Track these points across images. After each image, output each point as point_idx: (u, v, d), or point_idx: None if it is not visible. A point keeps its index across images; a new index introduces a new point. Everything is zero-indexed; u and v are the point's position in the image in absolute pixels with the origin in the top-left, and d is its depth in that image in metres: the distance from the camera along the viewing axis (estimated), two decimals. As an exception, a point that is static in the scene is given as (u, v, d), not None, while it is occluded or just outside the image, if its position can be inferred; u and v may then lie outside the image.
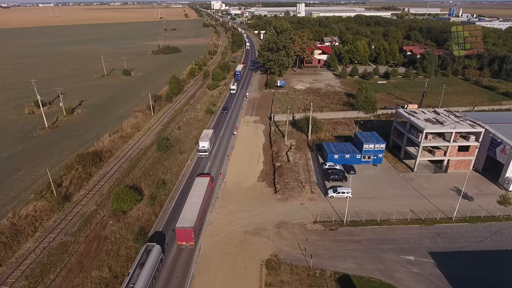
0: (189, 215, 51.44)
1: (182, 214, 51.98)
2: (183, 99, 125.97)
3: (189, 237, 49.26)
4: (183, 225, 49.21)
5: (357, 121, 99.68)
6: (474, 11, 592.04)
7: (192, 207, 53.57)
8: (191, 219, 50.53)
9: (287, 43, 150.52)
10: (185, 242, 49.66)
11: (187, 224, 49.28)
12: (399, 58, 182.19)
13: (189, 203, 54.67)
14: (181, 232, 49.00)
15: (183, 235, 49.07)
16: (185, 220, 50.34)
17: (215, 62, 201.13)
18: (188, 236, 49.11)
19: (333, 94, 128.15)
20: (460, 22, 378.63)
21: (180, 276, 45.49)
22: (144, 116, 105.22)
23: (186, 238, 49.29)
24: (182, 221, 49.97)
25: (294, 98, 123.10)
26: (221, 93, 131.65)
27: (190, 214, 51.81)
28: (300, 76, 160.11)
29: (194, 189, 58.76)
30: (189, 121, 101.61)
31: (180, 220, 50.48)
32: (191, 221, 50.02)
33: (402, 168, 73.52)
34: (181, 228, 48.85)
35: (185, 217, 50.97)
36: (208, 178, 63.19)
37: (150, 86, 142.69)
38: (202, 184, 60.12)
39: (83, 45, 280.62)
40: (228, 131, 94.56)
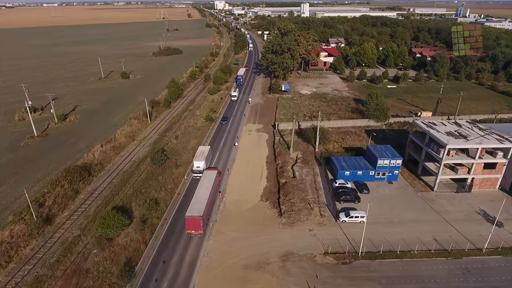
0: (198, 205, 53.89)
1: (191, 204, 54.58)
2: (182, 105, 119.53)
3: (198, 226, 51.54)
4: (192, 214, 51.73)
5: (367, 130, 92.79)
6: (480, 11, 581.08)
7: (201, 197, 56.19)
8: (200, 208, 52.94)
9: (292, 45, 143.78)
10: (194, 230, 51.93)
11: (196, 213, 51.71)
12: (409, 60, 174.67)
13: (198, 194, 57.32)
14: (190, 221, 51.36)
15: (192, 223, 51.42)
16: (194, 209, 52.84)
17: (217, 64, 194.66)
18: (197, 224, 51.42)
19: (341, 99, 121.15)
20: (468, 23, 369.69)
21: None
22: (140, 123, 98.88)
23: (195, 226, 51.61)
24: (191, 211, 52.63)
25: (300, 104, 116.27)
26: (222, 98, 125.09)
27: (199, 204, 54.31)
28: (305, 79, 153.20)
29: (203, 181, 61.42)
30: (188, 129, 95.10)
31: (190, 209, 53.10)
32: (199, 210, 52.42)
33: (420, 186, 66.50)
34: (191, 217, 51.29)
35: (194, 207, 53.55)
36: (216, 171, 65.90)
37: (149, 90, 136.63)
38: (210, 177, 62.87)
39: (84, 46, 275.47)
40: (228, 141, 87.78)
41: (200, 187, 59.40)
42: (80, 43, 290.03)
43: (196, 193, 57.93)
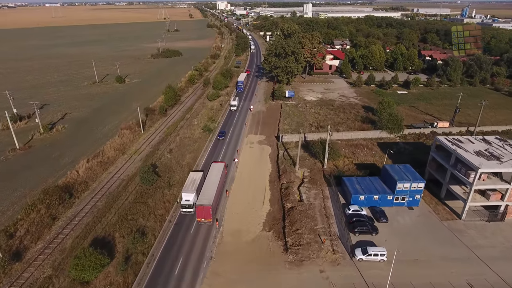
0: (207, 195, 56.58)
1: (201, 194, 57.29)
2: (179, 112, 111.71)
3: (207, 214, 54.25)
4: (203, 203, 54.45)
5: (380, 144, 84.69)
6: (482, 12, 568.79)
7: (210, 188, 58.79)
8: (209, 197, 55.77)
9: (296, 48, 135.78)
10: (203, 218, 54.67)
11: (206, 202, 54.46)
12: (418, 64, 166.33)
13: (207, 185, 60.00)
14: (200, 209, 54.10)
15: (202, 212, 54.16)
16: (204, 198, 55.60)
17: (217, 67, 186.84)
18: (206, 213, 54.10)
19: (349, 107, 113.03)
20: (475, 24, 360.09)
21: None
22: (132, 134, 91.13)
23: (205, 214, 54.27)
24: (202, 200, 55.34)
25: (305, 112, 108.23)
26: (222, 105, 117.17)
27: (208, 193, 57.02)
28: (310, 84, 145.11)
29: (211, 174, 64.19)
30: (183, 141, 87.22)
31: (200, 199, 55.85)
32: (209, 199, 55.19)
33: (445, 213, 58.38)
34: (201, 206, 53.97)
35: (204, 196, 56.21)
36: (223, 164, 68.75)
37: (144, 96, 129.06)
38: (218, 169, 65.48)
39: (81, 47, 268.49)
40: (228, 156, 79.69)
41: (208, 178, 62.42)
42: (78, 44, 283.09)
43: (205, 184, 60.66)
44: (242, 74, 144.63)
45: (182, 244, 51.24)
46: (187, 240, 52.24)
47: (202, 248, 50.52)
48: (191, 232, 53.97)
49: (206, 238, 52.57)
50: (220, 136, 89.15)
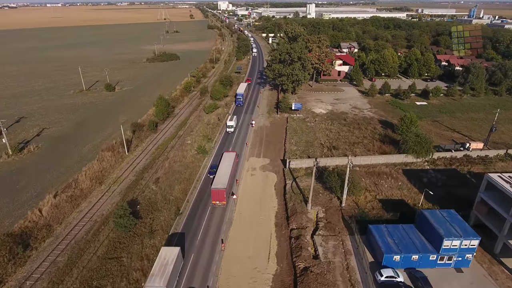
0: (221, 180, 60.04)
1: (216, 179, 60.78)
2: (171, 128, 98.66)
3: (221, 197, 57.99)
4: (218, 186, 57.90)
5: (406, 171, 71.37)
6: (488, 12, 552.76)
7: (223, 173, 62.54)
8: (223, 182, 59.27)
9: (303, 53, 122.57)
10: (218, 201, 58.29)
11: (220, 186, 57.98)
12: (435, 70, 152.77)
13: (220, 171, 63.91)
14: (215, 192, 57.75)
15: (217, 195, 57.85)
16: (218, 183, 59.06)
17: (216, 72, 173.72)
18: (221, 196, 57.86)
19: (364, 121, 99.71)
20: (486, 26, 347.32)
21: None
22: (114, 157, 78.07)
23: (219, 197, 57.97)
24: (216, 184, 58.69)
25: (314, 128, 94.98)
26: (220, 118, 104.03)
27: (222, 178, 60.56)
28: (318, 93, 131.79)
29: (223, 162, 67.74)
30: (173, 166, 74.06)
31: (215, 182, 59.22)
32: (223, 183, 58.72)
33: (504, 277, 44.98)
34: (216, 189, 57.57)
35: (218, 181, 59.67)
36: (234, 153, 73.15)
37: (134, 107, 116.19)
38: (230, 158, 69.54)
39: (75, 49, 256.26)
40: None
41: (221, 166, 66.22)
42: (73, 47, 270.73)
43: (219, 170, 64.60)
44: (242, 85, 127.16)
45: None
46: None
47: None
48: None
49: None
50: (211, 172, 68.96)
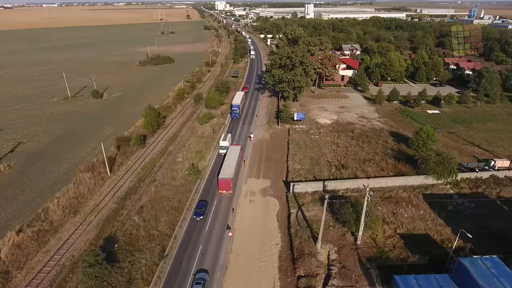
0: (228, 170, 63.69)
1: (223, 169, 64.17)
2: (161, 141, 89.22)
3: (228, 186, 61.45)
4: (225, 176, 61.46)
5: (427, 196, 62.37)
6: (487, 12, 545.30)
7: (230, 164, 66.18)
8: (230, 172, 62.96)
9: (305, 57, 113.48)
10: (225, 191, 61.86)
11: (227, 176, 61.52)
12: (445, 74, 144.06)
13: (226, 162, 67.08)
14: (222, 182, 61.10)
15: (224, 184, 61.23)
16: (225, 173, 62.70)
17: (212, 77, 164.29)
18: (228, 185, 61.31)
19: (373, 133, 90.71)
20: (490, 26, 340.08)
21: None
22: (94, 178, 68.60)
23: (226, 187, 61.47)
24: (223, 174, 62.41)
25: (319, 142, 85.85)
26: (216, 130, 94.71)
27: (229, 169, 64.05)
28: (321, 100, 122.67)
29: (229, 154, 70.62)
30: (160, 191, 64.69)
31: (222, 172, 62.83)
32: (230, 173, 62.40)
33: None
34: (223, 179, 60.94)
35: (225, 171, 63.29)
36: (239, 146, 76.21)
37: (122, 117, 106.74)
38: (235, 150, 72.45)
39: (67, 51, 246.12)
40: (217, 227, 56.50)
41: (227, 158, 68.70)
42: (64, 49, 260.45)
43: (225, 161, 67.26)
44: (238, 94, 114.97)
45: None
46: None
47: None
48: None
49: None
50: (198, 214, 56.17)
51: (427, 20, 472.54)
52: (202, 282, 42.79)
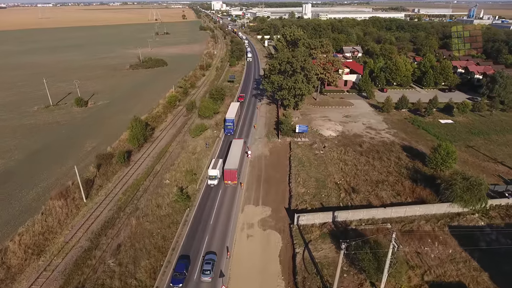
0: (233, 161, 66.97)
1: (228, 160, 67.52)
2: (148, 158, 79.82)
3: (233, 177, 64.52)
4: (230, 167, 64.65)
5: (453, 228, 53.54)
6: (486, 12, 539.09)
7: (234, 155, 69.77)
8: (235, 163, 66.16)
9: (307, 62, 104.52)
10: (230, 181, 64.87)
11: (232, 167, 64.71)
12: (454, 79, 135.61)
13: (231, 155, 70.58)
14: (228, 172, 64.27)
15: (229, 175, 64.39)
16: (231, 164, 65.91)
17: (207, 82, 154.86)
18: (233, 175, 64.40)
19: (384, 149, 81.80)
20: (492, 27, 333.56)
21: None
22: (67, 207, 59.19)
23: (231, 177, 64.54)
24: (229, 165, 65.60)
25: (325, 158, 76.86)
26: (209, 144, 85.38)
27: (234, 160, 67.31)
28: (323, 108, 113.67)
29: (233, 147, 75.02)
30: (142, 224, 55.32)
31: (227, 164, 65.91)
32: (235, 164, 65.52)
33: None
34: (228, 170, 64.15)
35: (230, 162, 66.60)
36: (242, 140, 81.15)
37: (107, 128, 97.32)
38: (239, 144, 76.70)
39: (56, 53, 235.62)
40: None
41: (232, 151, 72.94)
42: (54, 50, 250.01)
43: (230, 154, 70.91)
44: (233, 105, 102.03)
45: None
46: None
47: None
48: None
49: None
50: (177, 282, 43.16)
51: (426, 20, 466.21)
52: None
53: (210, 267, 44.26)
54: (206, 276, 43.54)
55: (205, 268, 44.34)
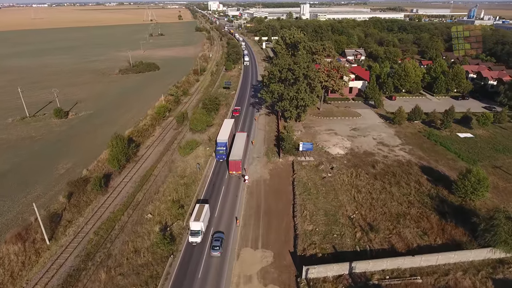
0: (237, 152, 70.82)
1: (232, 151, 71.23)
2: (129, 183, 69.11)
3: (238, 167, 68.23)
4: (234, 158, 68.32)
5: (497, 282, 43.26)
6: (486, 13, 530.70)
7: (239, 147, 73.09)
8: (239, 154, 70.12)
9: (310, 69, 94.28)
10: (234, 171, 68.54)
11: (237, 158, 68.40)
12: (467, 85, 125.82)
13: (235, 146, 73.58)
14: (232, 163, 68.02)
15: (234, 165, 68.11)
16: (235, 155, 69.63)
17: (201, 88, 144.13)
18: (237, 166, 68.16)
19: (400, 169, 71.58)
20: (490, 27, 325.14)
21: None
22: (24, 253, 48.52)
23: (236, 168, 68.23)
24: (233, 156, 69.26)
25: (334, 183, 66.52)
26: (201, 164, 74.75)
27: (238, 152, 70.92)
28: (328, 120, 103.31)
29: (237, 139, 77.80)
30: (114, 279, 44.66)
31: (232, 155, 69.84)
32: (239, 155, 69.61)
33: None
34: (233, 160, 67.87)
35: (235, 153, 70.33)
36: (245, 133, 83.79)
37: (87, 144, 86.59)
38: (243, 136, 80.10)
39: (44, 57, 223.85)
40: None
41: (235, 143, 75.24)
42: (42, 53, 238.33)
43: (234, 146, 73.84)
44: (226, 123, 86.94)
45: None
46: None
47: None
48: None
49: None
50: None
51: (425, 20, 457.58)
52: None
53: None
54: (216, 251, 48.43)
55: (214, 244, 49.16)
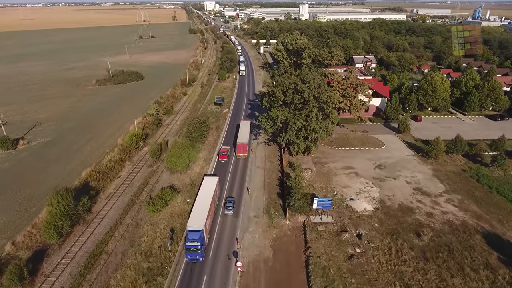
0: (244, 136, 78.67)
1: (239, 135, 79.18)
2: (67, 270, 47.49)
3: (244, 150, 75.61)
4: (241, 141, 76.21)
5: None
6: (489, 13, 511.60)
7: (244, 133, 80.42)
8: (245, 138, 78.18)
9: (323, 90, 73.13)
10: (241, 153, 75.85)
11: (243, 141, 76.38)
12: (505, 102, 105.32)
13: (241, 132, 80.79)
14: (239, 146, 75.29)
15: (240, 148, 75.36)
16: (242, 138, 77.57)
17: (188, 104, 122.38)
18: (244, 148, 75.51)
19: (456, 239, 50.50)
20: (504, 29, 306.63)
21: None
22: None
23: (242, 150, 75.54)
24: (240, 139, 77.14)
25: (366, 268, 45.33)
26: (177, 229, 53.26)
27: (244, 136, 78.93)
28: (344, 151, 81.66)
29: (242, 127, 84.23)
30: None
31: (239, 138, 77.50)
32: (245, 139, 77.50)
33: None
34: (240, 143, 75.50)
35: (241, 137, 78.23)
36: (249, 121, 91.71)
37: (25, 193, 64.73)
38: (247, 124, 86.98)
39: (17, 63, 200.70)
40: None
41: (241, 129, 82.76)
42: (16, 59, 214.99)
43: (240, 131, 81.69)
44: (205, 186, 57.20)
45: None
46: None
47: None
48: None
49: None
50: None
51: (429, 21, 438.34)
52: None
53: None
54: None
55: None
